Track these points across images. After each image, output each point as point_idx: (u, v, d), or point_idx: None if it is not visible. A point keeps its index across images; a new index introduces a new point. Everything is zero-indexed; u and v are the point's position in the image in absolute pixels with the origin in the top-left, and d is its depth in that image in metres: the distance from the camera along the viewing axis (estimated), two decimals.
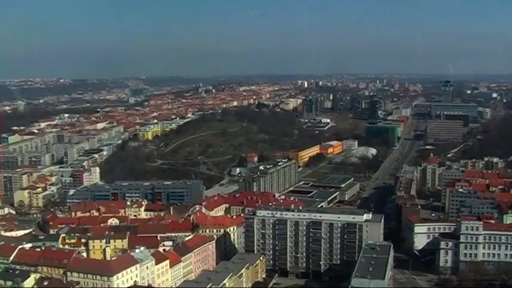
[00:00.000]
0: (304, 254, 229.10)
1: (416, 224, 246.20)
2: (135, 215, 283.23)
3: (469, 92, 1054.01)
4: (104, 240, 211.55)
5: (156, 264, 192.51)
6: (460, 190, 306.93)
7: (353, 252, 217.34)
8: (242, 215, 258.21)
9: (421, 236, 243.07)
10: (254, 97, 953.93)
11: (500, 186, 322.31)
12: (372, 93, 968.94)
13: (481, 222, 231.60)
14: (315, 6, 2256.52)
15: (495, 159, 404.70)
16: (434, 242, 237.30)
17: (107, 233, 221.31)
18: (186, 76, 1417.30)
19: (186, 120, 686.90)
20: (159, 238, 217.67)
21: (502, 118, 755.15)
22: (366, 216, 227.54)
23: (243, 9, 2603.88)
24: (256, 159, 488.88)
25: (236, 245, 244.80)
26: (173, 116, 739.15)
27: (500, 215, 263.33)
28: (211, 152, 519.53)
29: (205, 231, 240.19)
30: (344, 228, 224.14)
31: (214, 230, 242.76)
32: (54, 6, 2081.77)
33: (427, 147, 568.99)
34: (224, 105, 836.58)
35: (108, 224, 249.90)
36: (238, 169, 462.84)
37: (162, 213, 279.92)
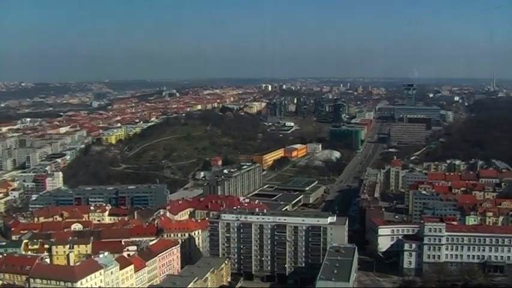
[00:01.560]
0: (269, 257, 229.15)
1: (380, 226, 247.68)
2: (98, 220, 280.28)
3: (431, 95, 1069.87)
4: (68, 246, 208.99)
5: (121, 269, 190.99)
6: (423, 192, 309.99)
7: (318, 255, 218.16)
8: (207, 218, 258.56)
9: (385, 238, 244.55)
10: (218, 101, 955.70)
11: (462, 188, 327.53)
12: (335, 97, 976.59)
13: (444, 224, 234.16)
14: (278, 10, 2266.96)
15: (457, 162, 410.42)
16: (398, 243, 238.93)
17: (70, 238, 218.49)
18: (150, 80, 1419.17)
19: (150, 124, 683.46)
20: (123, 243, 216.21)
21: (464, 121, 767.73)
22: (330, 219, 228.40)
23: (205, 13, 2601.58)
24: (220, 162, 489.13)
25: (201, 249, 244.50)
26: (137, 120, 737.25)
27: (463, 217, 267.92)
28: (175, 156, 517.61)
29: (170, 236, 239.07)
30: (309, 231, 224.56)
31: (179, 234, 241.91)
32: (14, 9, 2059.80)
33: (391, 150, 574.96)
34: (188, 109, 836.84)
35: (72, 229, 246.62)
36: (202, 173, 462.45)
37: (126, 218, 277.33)
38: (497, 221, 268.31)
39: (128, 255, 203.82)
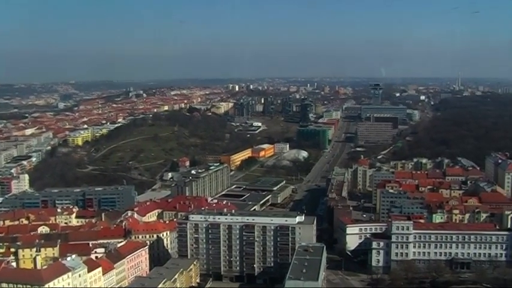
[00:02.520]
0: (237, 258, 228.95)
1: (348, 225, 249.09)
2: (66, 223, 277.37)
3: (398, 94, 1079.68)
4: (34, 249, 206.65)
5: (89, 271, 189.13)
6: (391, 191, 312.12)
7: (286, 255, 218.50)
8: (175, 220, 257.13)
9: (353, 236, 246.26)
10: (185, 101, 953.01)
11: (429, 187, 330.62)
12: (302, 97, 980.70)
13: (411, 222, 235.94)
14: (244, 10, 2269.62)
15: (424, 160, 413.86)
16: (366, 242, 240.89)
17: (37, 241, 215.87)
18: (117, 81, 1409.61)
19: (116, 125, 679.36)
20: (91, 245, 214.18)
21: (430, 120, 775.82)
22: (298, 219, 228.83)
23: (172, 14, 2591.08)
24: (188, 163, 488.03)
25: (169, 250, 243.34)
26: (104, 121, 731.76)
27: (430, 215, 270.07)
28: (142, 157, 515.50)
29: (138, 237, 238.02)
30: (277, 230, 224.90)
31: (147, 236, 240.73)
32: None
33: (358, 149, 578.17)
34: (155, 110, 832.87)
35: (38, 232, 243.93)
36: (170, 174, 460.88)
37: (93, 220, 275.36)
38: (463, 219, 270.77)
39: (96, 257, 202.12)
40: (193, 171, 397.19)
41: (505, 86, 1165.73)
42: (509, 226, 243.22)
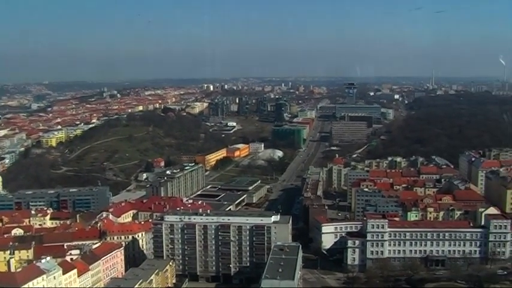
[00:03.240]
0: (213, 258, 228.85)
1: (323, 224, 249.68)
2: (40, 224, 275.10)
3: (372, 93, 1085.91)
4: (8, 252, 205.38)
5: (64, 273, 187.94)
6: (365, 189, 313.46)
7: (262, 254, 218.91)
8: (150, 220, 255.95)
9: (328, 235, 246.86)
10: (160, 101, 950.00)
11: (403, 185, 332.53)
12: (277, 96, 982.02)
13: (386, 220, 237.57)
14: (219, 10, 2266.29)
15: (398, 159, 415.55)
16: (342, 241, 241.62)
17: (10, 243, 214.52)
18: (91, 81, 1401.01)
19: (91, 125, 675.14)
20: (65, 247, 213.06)
21: (404, 119, 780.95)
22: (274, 218, 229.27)
23: (144, 14, 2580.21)
24: (163, 164, 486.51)
25: (145, 251, 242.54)
26: (78, 122, 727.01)
27: (405, 213, 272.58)
28: (117, 157, 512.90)
29: (113, 238, 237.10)
30: (252, 230, 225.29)
31: (122, 237, 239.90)
32: None
33: (333, 148, 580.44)
34: (129, 110, 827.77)
35: (12, 234, 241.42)
36: (145, 174, 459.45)
37: (68, 222, 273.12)
38: (438, 216, 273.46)
39: (71, 259, 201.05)
40: (168, 172, 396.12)
41: (478, 85, 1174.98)
42: (483, 223, 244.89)
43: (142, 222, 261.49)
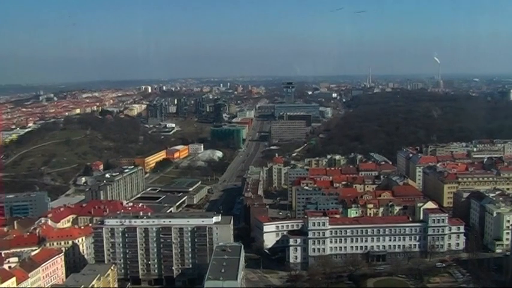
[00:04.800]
0: (155, 261, 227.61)
1: (265, 223, 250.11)
2: None
3: (310, 92, 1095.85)
4: None
5: (2, 282, 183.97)
6: (306, 188, 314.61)
7: (204, 255, 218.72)
8: (90, 225, 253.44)
9: (270, 234, 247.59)
10: (97, 104, 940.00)
11: (343, 182, 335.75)
12: (216, 97, 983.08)
13: (327, 218, 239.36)
14: (157, 10, 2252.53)
15: (337, 157, 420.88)
16: (284, 239, 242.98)
17: None
18: (26, 84, 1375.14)
19: (27, 130, 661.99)
20: (3, 255, 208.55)
21: (342, 117, 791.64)
22: (215, 219, 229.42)
23: (78, 15, 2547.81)
24: (102, 167, 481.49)
25: (86, 256, 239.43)
26: (13, 126, 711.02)
27: (345, 209, 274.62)
28: (55, 162, 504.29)
29: (53, 244, 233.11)
30: (194, 231, 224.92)
31: (62, 242, 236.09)
32: None
33: (272, 147, 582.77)
34: (67, 113, 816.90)
35: None
36: (83, 178, 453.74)
37: (5, 229, 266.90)
38: (377, 212, 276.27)
39: (9, 267, 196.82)
40: (107, 175, 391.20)
41: (414, 82, 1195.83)
42: (421, 218, 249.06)
43: (82, 227, 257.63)
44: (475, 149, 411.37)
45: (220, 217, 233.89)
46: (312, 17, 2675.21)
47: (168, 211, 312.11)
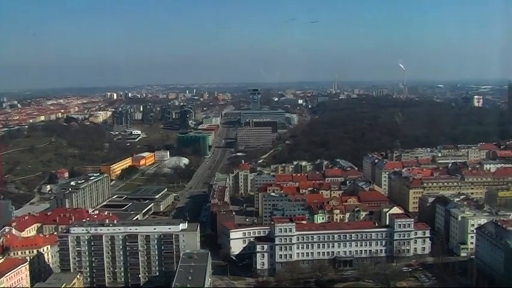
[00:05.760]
0: (122, 269, 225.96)
1: (231, 230, 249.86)
2: None
3: (276, 99, 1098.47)
4: None
5: None
6: (272, 194, 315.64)
7: (171, 263, 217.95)
8: (55, 233, 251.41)
9: (237, 241, 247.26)
10: (62, 111, 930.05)
11: (309, 188, 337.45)
12: (182, 104, 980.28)
13: (294, 224, 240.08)
14: (121, 17, 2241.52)
15: (303, 163, 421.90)
16: (251, 246, 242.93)
17: None
18: None
19: None
20: None
21: (308, 123, 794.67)
22: (182, 226, 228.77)
23: (43, 20, 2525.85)
24: (67, 174, 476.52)
25: (51, 265, 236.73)
26: None
27: (311, 215, 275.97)
28: (19, 169, 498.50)
29: (17, 254, 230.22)
30: (161, 239, 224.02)
31: (27, 252, 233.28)
32: None
33: (238, 154, 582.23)
34: (31, 121, 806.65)
35: None
36: (48, 186, 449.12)
37: None
38: (344, 218, 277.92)
39: None
40: (72, 183, 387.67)
41: (379, 89, 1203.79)
42: (387, 223, 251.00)
43: (47, 236, 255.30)
44: (439, 155, 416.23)
45: (186, 224, 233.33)
46: (271, 27, 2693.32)
47: (135, 219, 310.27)
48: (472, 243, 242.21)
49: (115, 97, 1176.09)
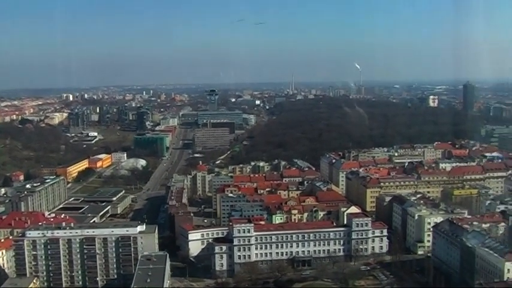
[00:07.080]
0: (79, 272, 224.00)
1: (190, 232, 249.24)
2: None
3: (233, 100, 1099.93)
4: None
5: None
6: (230, 195, 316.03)
7: (130, 265, 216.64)
8: (11, 237, 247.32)
9: (195, 242, 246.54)
10: (17, 112, 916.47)
11: (267, 189, 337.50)
12: (139, 105, 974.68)
13: (252, 225, 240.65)
14: (76, 17, 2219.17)
15: (261, 163, 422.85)
16: (209, 247, 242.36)
17: None
18: None
19: None
20: None
21: (265, 124, 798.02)
22: (139, 228, 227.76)
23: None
24: (22, 177, 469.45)
25: (6, 270, 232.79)
26: None
27: (270, 216, 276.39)
28: None
29: None
30: (118, 241, 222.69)
31: None
32: None
33: (196, 155, 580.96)
34: None
35: None
36: (3, 189, 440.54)
37: None
38: (302, 218, 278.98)
39: None
40: (28, 186, 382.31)
41: (336, 89, 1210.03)
42: (345, 222, 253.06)
43: (2, 240, 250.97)
44: (396, 154, 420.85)
45: (144, 226, 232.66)
46: (223, 28, 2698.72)
47: (92, 221, 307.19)
48: (428, 241, 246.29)
49: (71, 98, 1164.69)
